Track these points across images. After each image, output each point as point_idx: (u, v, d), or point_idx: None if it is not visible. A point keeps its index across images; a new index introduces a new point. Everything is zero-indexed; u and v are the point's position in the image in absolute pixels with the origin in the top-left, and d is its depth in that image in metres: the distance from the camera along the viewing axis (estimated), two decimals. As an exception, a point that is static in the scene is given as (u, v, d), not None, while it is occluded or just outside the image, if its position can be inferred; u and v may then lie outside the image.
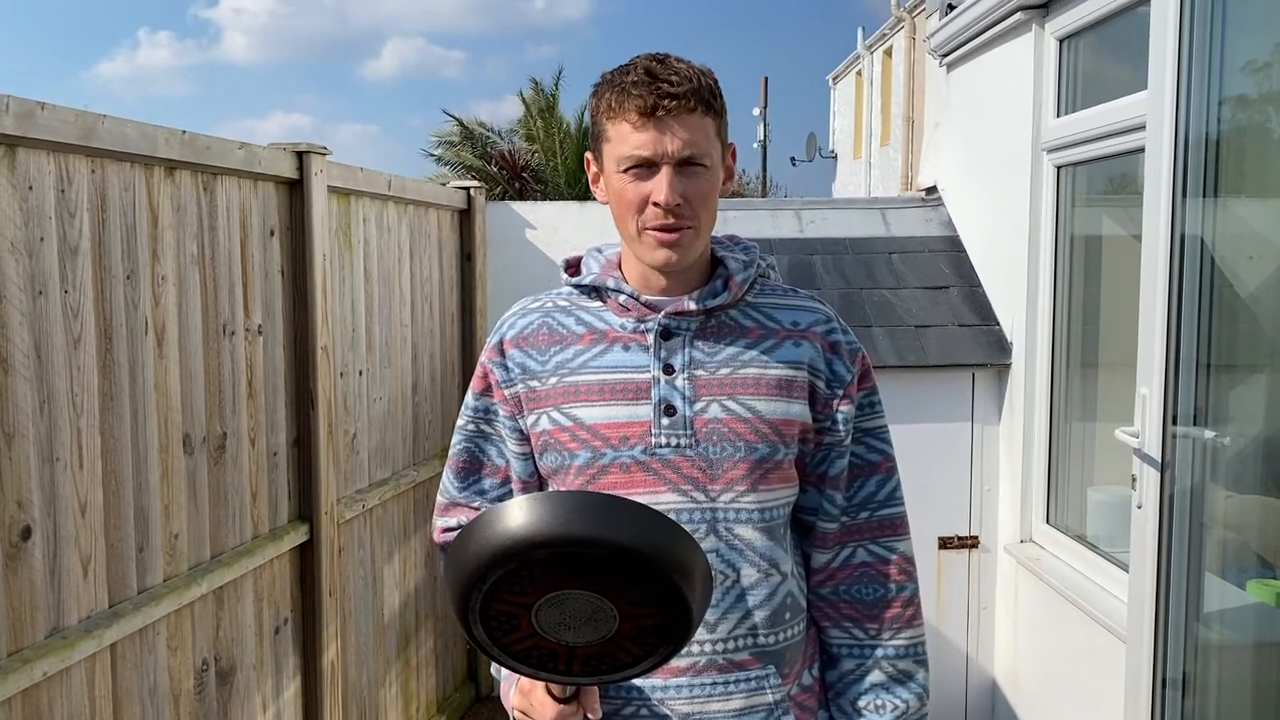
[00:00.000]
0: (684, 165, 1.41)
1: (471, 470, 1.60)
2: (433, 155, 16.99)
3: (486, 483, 1.60)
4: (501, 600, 1.24)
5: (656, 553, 1.21)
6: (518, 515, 1.22)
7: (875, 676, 1.53)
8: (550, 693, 1.40)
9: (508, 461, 1.58)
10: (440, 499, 1.65)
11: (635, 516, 1.23)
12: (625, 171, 1.42)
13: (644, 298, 1.49)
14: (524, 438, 1.55)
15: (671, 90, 1.39)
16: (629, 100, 1.39)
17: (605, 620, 1.24)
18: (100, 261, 2.10)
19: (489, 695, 4.40)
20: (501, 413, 1.56)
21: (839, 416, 1.51)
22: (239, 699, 2.61)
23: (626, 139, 1.41)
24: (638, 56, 1.44)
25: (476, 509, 1.59)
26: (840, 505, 1.54)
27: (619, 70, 1.44)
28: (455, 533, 1.60)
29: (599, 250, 1.59)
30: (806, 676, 1.55)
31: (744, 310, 1.52)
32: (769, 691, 1.47)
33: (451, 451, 1.63)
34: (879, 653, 1.53)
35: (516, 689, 1.46)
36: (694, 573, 1.24)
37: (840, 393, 1.51)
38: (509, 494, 1.59)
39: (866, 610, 1.54)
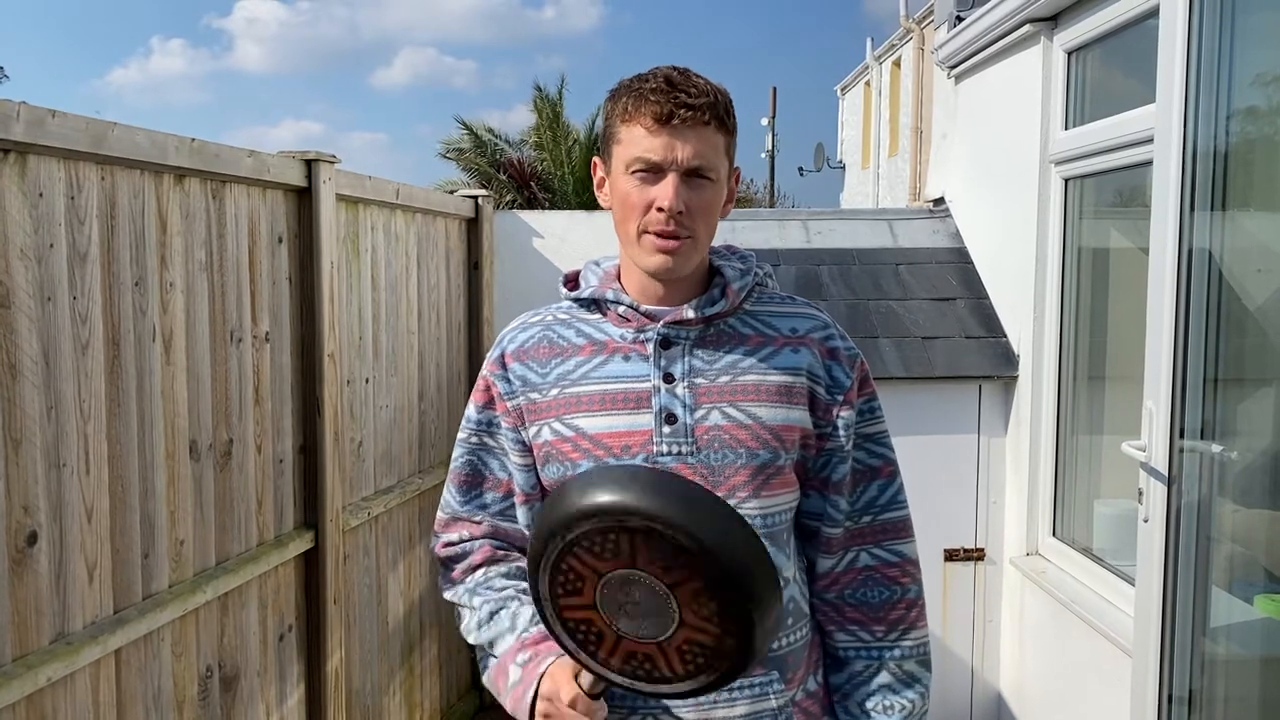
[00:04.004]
0: (691, 175, 1.43)
1: (474, 484, 1.60)
2: (448, 158, 17.05)
3: (488, 496, 1.59)
4: (579, 556, 1.23)
5: (746, 579, 1.19)
6: (636, 480, 1.22)
7: (883, 678, 1.54)
8: (579, 684, 1.36)
9: (510, 475, 1.58)
10: (441, 514, 1.64)
11: (746, 541, 1.22)
12: (633, 174, 1.43)
13: (643, 307, 1.50)
14: (526, 449, 1.55)
15: (689, 101, 1.41)
16: (646, 105, 1.42)
17: (665, 621, 1.22)
18: (109, 268, 2.11)
19: (492, 704, 4.39)
20: (504, 425, 1.56)
21: (839, 422, 1.52)
22: (243, 705, 2.61)
23: (638, 142, 1.42)
24: (658, 67, 1.47)
25: (479, 523, 1.59)
26: (844, 510, 1.54)
27: (638, 77, 1.46)
28: (457, 547, 1.60)
29: (597, 263, 1.60)
30: (811, 682, 1.55)
31: (742, 318, 1.53)
32: (772, 697, 1.48)
33: (453, 465, 1.62)
34: (886, 655, 1.54)
35: (542, 684, 1.42)
36: (769, 613, 1.22)
37: (840, 398, 1.52)
38: (512, 508, 1.59)
39: (872, 613, 1.55)
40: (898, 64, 13.89)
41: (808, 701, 1.54)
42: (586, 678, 1.35)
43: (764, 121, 20.22)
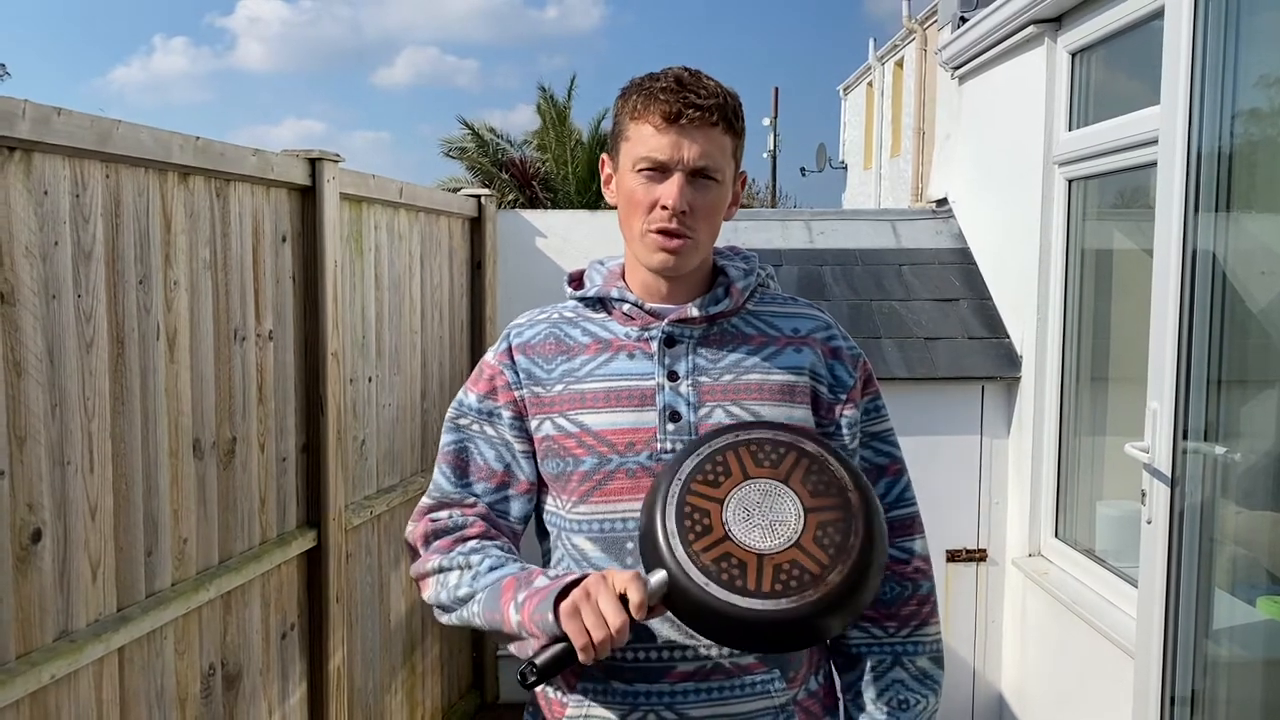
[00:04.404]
0: (696, 175, 1.44)
1: (467, 469, 1.56)
2: (450, 157, 17.08)
3: (480, 486, 1.55)
4: (739, 455, 1.35)
5: (880, 537, 1.33)
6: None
7: (897, 674, 1.54)
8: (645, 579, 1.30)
9: (506, 466, 1.55)
10: (427, 500, 1.57)
11: (884, 522, 1.39)
12: (639, 172, 1.45)
13: (647, 306, 1.51)
14: (529, 438, 1.54)
15: (698, 101, 1.42)
16: (655, 104, 1.43)
17: (777, 540, 1.30)
18: (113, 266, 2.11)
19: (494, 703, 4.40)
20: (506, 415, 1.55)
21: (842, 421, 1.53)
22: (245, 703, 2.61)
23: (646, 140, 1.44)
24: (670, 67, 1.48)
25: (472, 505, 1.54)
26: None
27: (649, 76, 1.48)
28: (448, 522, 1.53)
29: (601, 263, 1.61)
30: (813, 682, 1.56)
31: (745, 318, 1.54)
32: (774, 695, 1.48)
33: (444, 449, 1.57)
34: (900, 650, 1.54)
35: (589, 577, 1.32)
36: (872, 577, 1.31)
37: (843, 397, 1.53)
38: (503, 501, 1.55)
39: (884, 609, 1.55)
40: (900, 64, 13.87)
41: (809, 701, 1.54)
42: (657, 578, 1.30)
43: (766, 121, 20.25)
